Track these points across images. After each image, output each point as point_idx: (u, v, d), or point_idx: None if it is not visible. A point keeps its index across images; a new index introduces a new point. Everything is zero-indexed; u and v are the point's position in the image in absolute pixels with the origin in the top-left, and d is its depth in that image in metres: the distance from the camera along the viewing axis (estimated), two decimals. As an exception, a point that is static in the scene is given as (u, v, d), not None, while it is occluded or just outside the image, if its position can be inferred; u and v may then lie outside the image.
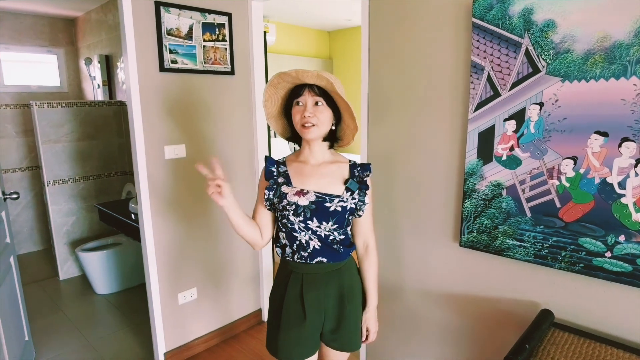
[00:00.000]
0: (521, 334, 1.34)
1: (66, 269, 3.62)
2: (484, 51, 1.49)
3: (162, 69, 2.12)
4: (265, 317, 2.85)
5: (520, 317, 1.56)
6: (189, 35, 2.21)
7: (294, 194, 1.28)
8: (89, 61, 4.04)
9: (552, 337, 1.33)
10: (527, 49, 1.38)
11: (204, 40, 2.27)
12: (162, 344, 2.33)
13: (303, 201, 1.27)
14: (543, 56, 1.35)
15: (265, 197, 1.32)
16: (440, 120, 1.69)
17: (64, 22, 4.28)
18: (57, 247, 3.55)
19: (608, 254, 1.30)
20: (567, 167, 1.35)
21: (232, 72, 2.44)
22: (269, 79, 1.33)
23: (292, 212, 1.28)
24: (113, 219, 3.12)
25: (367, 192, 1.33)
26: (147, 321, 2.65)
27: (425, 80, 1.71)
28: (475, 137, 1.55)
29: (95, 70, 3.98)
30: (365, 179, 1.33)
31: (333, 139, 1.35)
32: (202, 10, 2.24)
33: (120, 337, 2.70)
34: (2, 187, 2.13)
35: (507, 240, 1.52)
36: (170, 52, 2.14)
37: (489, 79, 1.49)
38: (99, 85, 3.99)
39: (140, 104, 2.07)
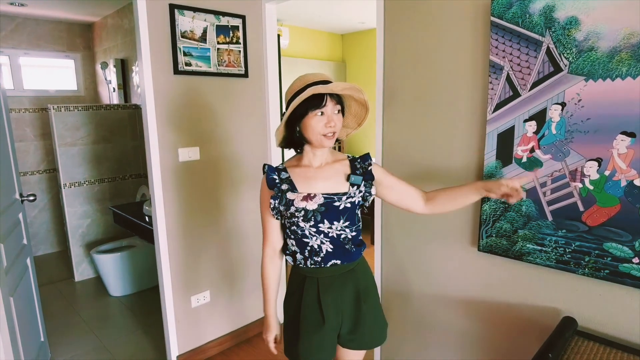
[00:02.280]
0: (543, 342, 1.29)
1: (81, 271, 3.66)
2: (503, 50, 1.45)
3: (176, 71, 2.13)
4: (277, 321, 2.83)
5: (542, 325, 1.51)
6: (203, 38, 2.21)
7: (301, 200, 1.26)
8: (105, 65, 4.10)
9: (576, 346, 1.28)
10: (548, 47, 1.34)
11: (218, 43, 2.28)
12: (174, 347, 2.33)
13: (311, 205, 1.25)
14: (565, 55, 1.30)
15: (272, 206, 1.29)
16: (458, 121, 1.65)
17: (81, 27, 4.35)
18: (73, 249, 3.59)
19: (636, 260, 1.24)
20: (591, 169, 1.30)
21: (246, 75, 2.44)
22: (293, 84, 1.27)
23: (301, 218, 1.26)
24: (127, 221, 3.14)
25: (372, 182, 1.31)
26: (160, 323, 2.65)
27: (442, 81, 1.68)
28: (494, 138, 1.51)
29: (111, 74, 4.03)
30: (369, 168, 1.32)
31: None
32: (216, 13, 2.25)
33: (133, 339, 2.71)
34: (20, 189, 2.16)
35: (528, 245, 1.47)
36: (185, 54, 2.15)
37: (508, 78, 1.45)
38: (114, 88, 4.04)
39: (154, 107, 2.08)
